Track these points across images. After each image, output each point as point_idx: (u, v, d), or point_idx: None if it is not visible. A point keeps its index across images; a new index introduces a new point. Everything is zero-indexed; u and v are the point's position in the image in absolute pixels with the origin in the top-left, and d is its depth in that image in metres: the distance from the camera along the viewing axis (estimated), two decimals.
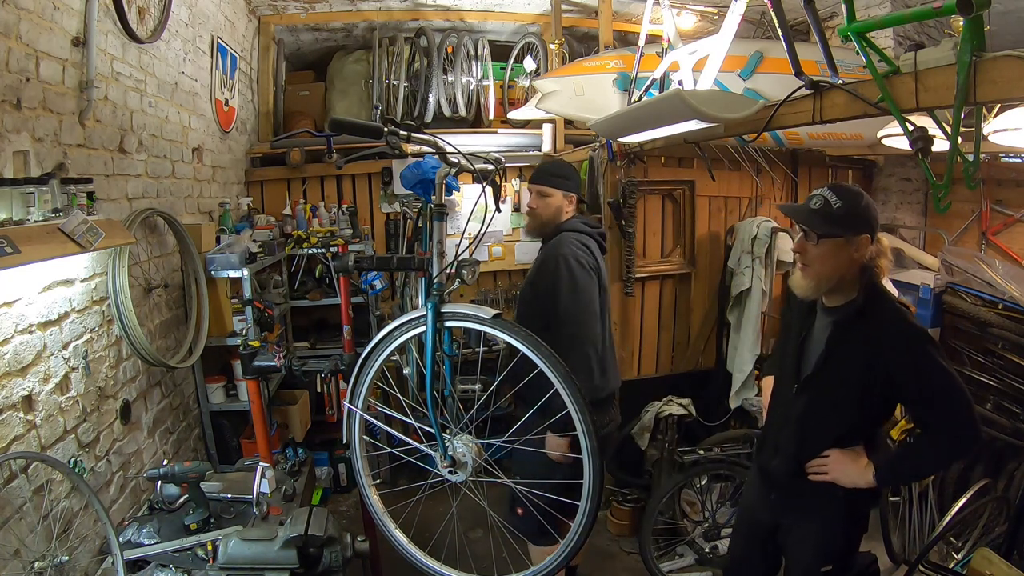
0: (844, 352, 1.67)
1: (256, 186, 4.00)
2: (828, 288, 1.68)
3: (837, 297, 1.70)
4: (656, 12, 2.53)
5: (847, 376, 1.66)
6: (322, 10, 4.16)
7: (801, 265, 1.69)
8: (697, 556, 3.09)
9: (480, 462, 1.52)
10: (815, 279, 1.66)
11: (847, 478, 1.68)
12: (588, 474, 1.42)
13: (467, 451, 1.51)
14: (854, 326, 1.65)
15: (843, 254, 1.62)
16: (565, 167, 2.47)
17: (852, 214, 1.61)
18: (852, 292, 1.67)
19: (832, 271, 1.64)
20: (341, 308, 2.53)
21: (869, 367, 1.62)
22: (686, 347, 3.89)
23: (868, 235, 1.62)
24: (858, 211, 1.62)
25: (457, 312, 1.51)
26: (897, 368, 1.59)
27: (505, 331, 1.44)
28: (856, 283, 1.67)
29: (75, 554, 1.74)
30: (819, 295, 1.71)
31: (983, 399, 2.95)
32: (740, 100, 1.96)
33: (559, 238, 2.28)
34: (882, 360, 1.60)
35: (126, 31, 2.24)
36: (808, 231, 1.66)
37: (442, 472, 1.55)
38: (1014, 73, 1.19)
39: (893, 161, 4.12)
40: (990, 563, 2.00)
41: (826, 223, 1.62)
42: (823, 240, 1.62)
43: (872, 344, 1.62)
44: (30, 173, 1.67)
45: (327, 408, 3.76)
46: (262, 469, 2.15)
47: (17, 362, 1.62)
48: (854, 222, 1.61)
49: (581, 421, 1.40)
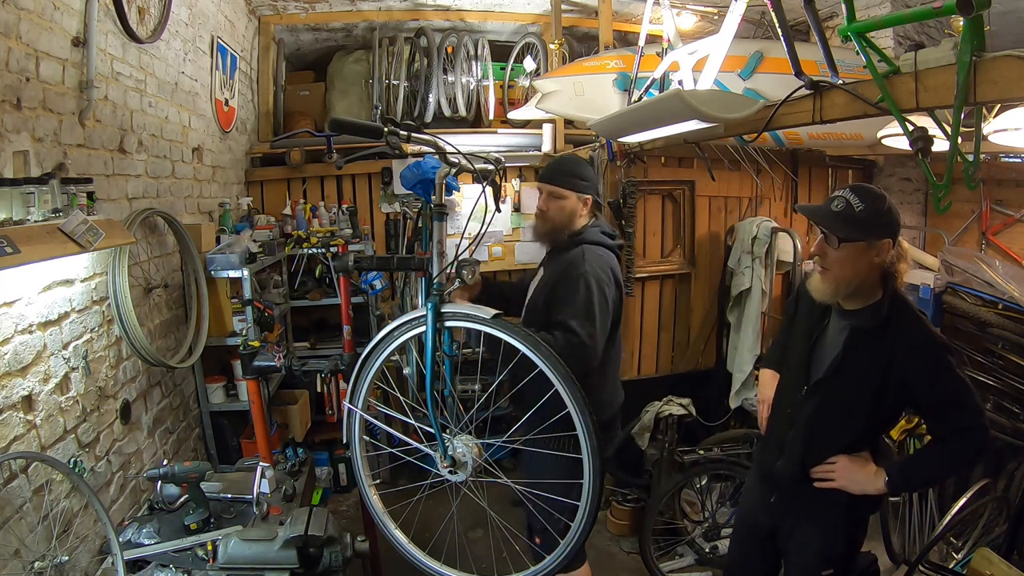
0: (861, 357, 1.64)
1: (256, 186, 3.99)
2: (847, 293, 1.64)
3: (856, 301, 1.66)
4: (656, 12, 2.53)
5: (862, 381, 1.63)
6: (322, 10, 4.16)
7: (820, 268, 1.65)
8: (697, 556, 3.09)
9: (480, 462, 1.52)
10: (834, 283, 1.62)
11: (856, 485, 1.66)
12: (588, 474, 1.42)
13: (467, 451, 1.51)
14: (874, 333, 1.62)
15: (864, 258, 1.58)
16: (581, 165, 2.20)
17: (874, 218, 1.56)
18: (872, 296, 1.64)
19: (852, 275, 1.60)
20: (341, 308, 2.52)
21: (885, 375, 1.59)
22: (686, 347, 3.89)
23: (890, 240, 1.58)
24: (881, 215, 1.57)
25: (457, 312, 1.50)
26: (913, 375, 1.57)
27: (505, 331, 1.44)
28: (877, 287, 1.63)
29: (75, 554, 1.74)
30: (838, 299, 1.67)
31: (983, 399, 2.94)
32: (740, 100, 1.96)
33: (582, 254, 2.01)
34: (899, 366, 1.58)
35: (126, 31, 2.24)
36: (828, 234, 1.61)
37: (442, 472, 1.55)
38: (1014, 73, 1.19)
39: (893, 161, 4.13)
40: (990, 563, 2.00)
41: (847, 226, 1.57)
42: (844, 244, 1.58)
43: (890, 350, 1.59)
44: (30, 173, 1.67)
45: (327, 408, 3.76)
46: (262, 469, 2.15)
47: (17, 362, 1.62)
48: (876, 226, 1.57)
49: (581, 421, 1.39)
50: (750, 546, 2.00)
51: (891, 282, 1.64)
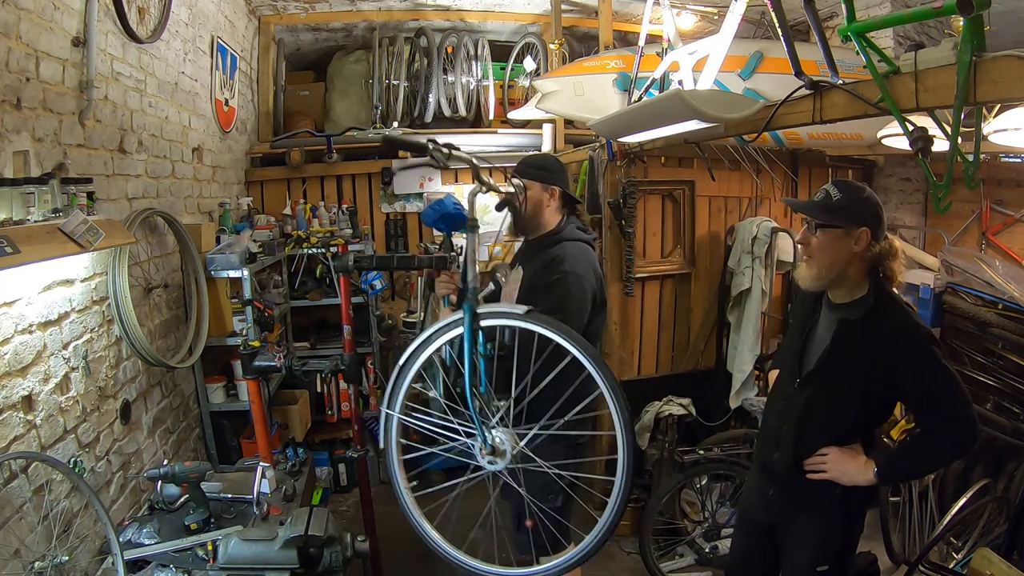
0: (849, 349, 1.68)
1: (256, 186, 4.00)
2: (830, 280, 1.70)
3: (843, 293, 1.71)
4: (656, 12, 2.53)
5: (850, 373, 1.67)
6: (322, 10, 4.16)
7: (805, 257, 1.73)
8: (697, 556, 3.09)
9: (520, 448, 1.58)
10: (816, 269, 1.70)
11: (846, 476, 1.69)
12: (622, 449, 1.48)
13: (505, 439, 1.57)
14: (861, 324, 1.67)
15: (842, 246, 1.65)
16: (547, 159, 2.31)
17: (851, 207, 1.65)
18: (859, 290, 1.69)
19: (831, 262, 1.67)
20: (341, 308, 2.52)
21: (872, 365, 1.63)
22: (686, 347, 3.89)
23: (867, 229, 1.63)
24: (857, 204, 1.65)
25: (492, 311, 1.59)
26: (900, 367, 1.61)
27: (540, 324, 1.53)
28: (864, 281, 1.68)
29: (75, 554, 1.74)
30: (820, 286, 1.74)
31: (983, 399, 2.95)
32: (740, 100, 1.96)
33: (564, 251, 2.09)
34: (885, 358, 1.61)
35: (126, 31, 2.24)
36: (809, 222, 1.71)
37: (482, 463, 1.59)
38: (1014, 73, 1.19)
39: (893, 161, 4.12)
40: (990, 563, 2.00)
41: (824, 213, 1.66)
42: (821, 230, 1.67)
43: (877, 342, 1.63)
44: (30, 173, 1.67)
45: (327, 408, 3.76)
46: (262, 469, 2.15)
47: (17, 362, 1.62)
48: (852, 215, 1.64)
49: (613, 399, 1.47)
50: (751, 544, 2.01)
51: (878, 277, 1.68)
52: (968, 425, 1.60)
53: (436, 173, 4.15)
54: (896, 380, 1.63)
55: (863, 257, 1.66)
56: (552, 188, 2.17)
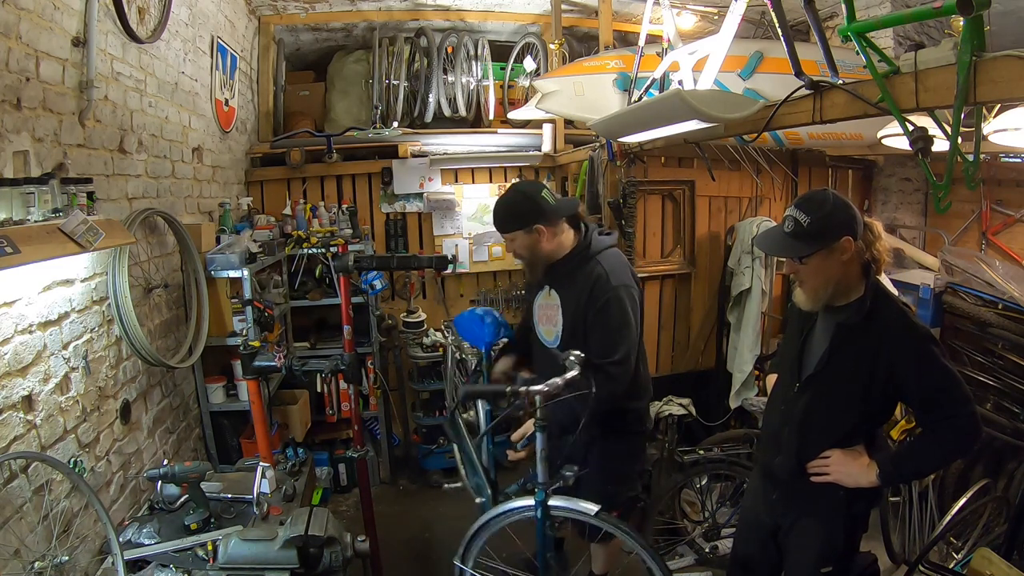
0: (847, 351, 1.68)
1: (256, 186, 3.99)
2: (828, 295, 1.69)
3: (840, 297, 1.71)
4: (656, 12, 2.53)
5: (849, 375, 1.67)
6: (322, 10, 4.16)
7: (799, 283, 1.74)
8: (697, 556, 3.09)
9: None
10: (813, 292, 1.70)
11: (850, 478, 1.69)
12: None
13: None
14: (858, 326, 1.66)
15: (831, 263, 1.64)
16: (511, 204, 2.14)
17: (824, 226, 1.61)
18: (856, 292, 1.68)
19: (826, 281, 1.67)
20: (341, 308, 2.53)
21: (872, 366, 1.63)
22: (686, 347, 3.89)
23: (848, 236, 1.62)
24: (829, 219, 1.62)
25: (564, 507, 1.85)
26: (900, 367, 1.61)
27: (611, 525, 1.80)
28: (859, 282, 1.68)
29: (75, 554, 1.74)
30: (823, 305, 1.72)
31: (983, 399, 2.95)
32: (740, 100, 1.96)
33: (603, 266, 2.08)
34: (885, 359, 1.61)
35: (126, 31, 2.24)
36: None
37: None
38: (1014, 73, 1.19)
39: (893, 161, 4.12)
40: (990, 563, 2.00)
41: (801, 243, 1.63)
42: (806, 259, 1.65)
43: (875, 343, 1.63)
44: (30, 173, 1.67)
45: (327, 408, 3.76)
46: (262, 469, 2.14)
47: (17, 362, 1.62)
48: (829, 232, 1.61)
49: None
50: (753, 545, 2.01)
51: (872, 275, 1.68)
52: (970, 423, 1.60)
53: (436, 173, 4.15)
54: (896, 381, 1.62)
55: (853, 260, 1.66)
56: (535, 227, 2.06)
